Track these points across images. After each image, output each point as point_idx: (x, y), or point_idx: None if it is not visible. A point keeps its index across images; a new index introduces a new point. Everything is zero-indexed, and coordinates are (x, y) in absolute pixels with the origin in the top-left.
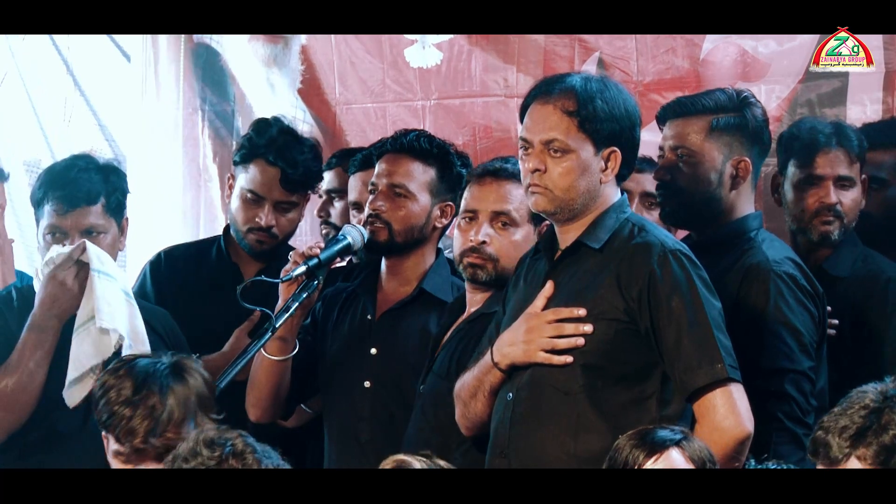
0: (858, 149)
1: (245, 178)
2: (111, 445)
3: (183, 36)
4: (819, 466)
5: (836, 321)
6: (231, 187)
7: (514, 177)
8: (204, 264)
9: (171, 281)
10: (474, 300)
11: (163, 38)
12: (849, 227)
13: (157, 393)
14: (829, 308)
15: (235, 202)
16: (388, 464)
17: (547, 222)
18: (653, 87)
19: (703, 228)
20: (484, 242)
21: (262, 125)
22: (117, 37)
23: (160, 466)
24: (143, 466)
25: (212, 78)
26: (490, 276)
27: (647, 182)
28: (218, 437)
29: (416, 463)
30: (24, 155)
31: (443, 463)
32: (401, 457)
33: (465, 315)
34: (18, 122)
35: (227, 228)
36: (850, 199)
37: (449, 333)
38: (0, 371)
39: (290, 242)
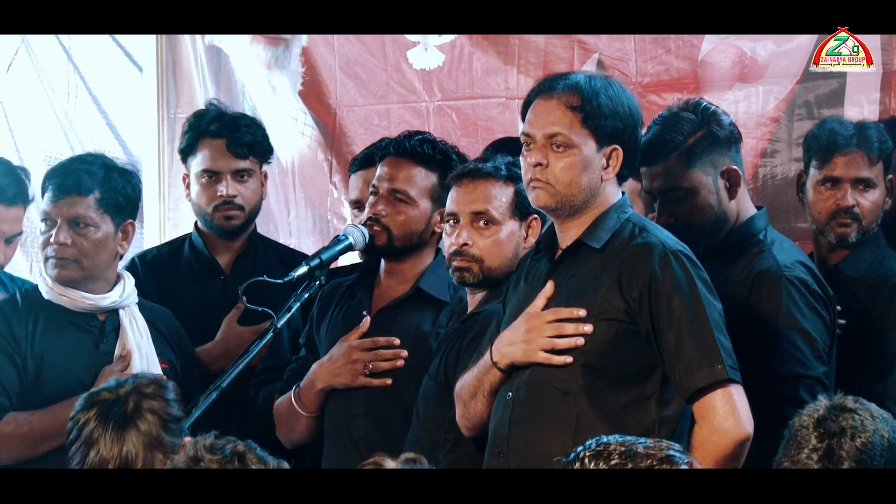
0: (879, 150)
1: (196, 162)
2: None
3: (198, 37)
4: None
5: (843, 321)
6: (188, 185)
7: (491, 175)
8: (180, 261)
9: (148, 283)
10: (473, 301)
11: (181, 41)
12: (868, 228)
13: (107, 442)
14: (839, 308)
15: (195, 189)
16: (367, 465)
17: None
18: (651, 88)
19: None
20: (466, 244)
21: (199, 112)
22: (128, 45)
23: None
24: None
25: (224, 81)
26: (477, 277)
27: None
28: (216, 442)
29: (391, 464)
30: (44, 148)
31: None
32: (376, 458)
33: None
34: (34, 112)
35: (195, 226)
36: (869, 201)
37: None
38: (24, 416)
39: (297, 242)
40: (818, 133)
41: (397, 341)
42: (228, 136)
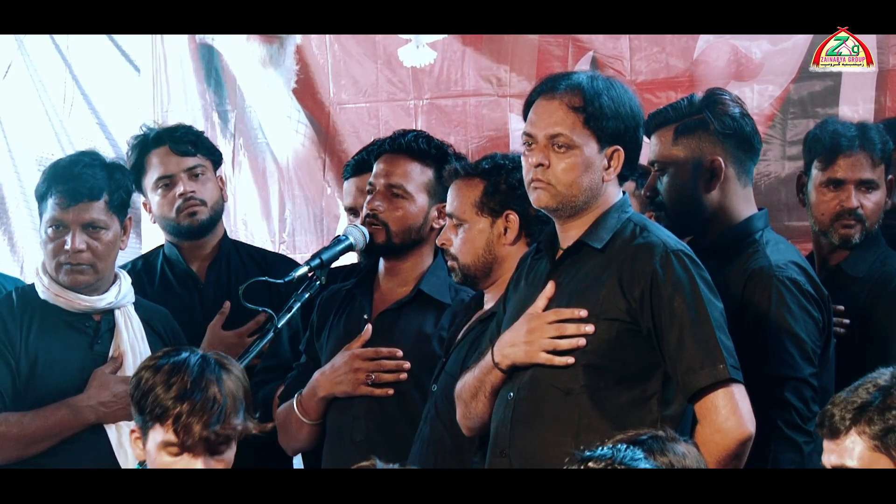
0: (882, 151)
1: (149, 177)
2: (160, 437)
3: (187, 36)
4: (824, 441)
5: (846, 321)
6: (150, 209)
7: (474, 174)
8: (155, 275)
9: None
10: (489, 299)
11: (169, 39)
12: (871, 229)
13: (215, 384)
14: (841, 308)
15: (155, 201)
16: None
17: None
18: (646, 87)
19: (703, 234)
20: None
21: (136, 135)
22: (125, 45)
23: (202, 463)
24: (192, 460)
25: (214, 79)
26: (458, 277)
27: None
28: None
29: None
30: (36, 150)
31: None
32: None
33: (479, 314)
34: (29, 116)
35: (166, 241)
36: (872, 201)
37: (462, 332)
38: (15, 417)
39: (292, 240)
40: (820, 134)
41: (400, 352)
42: (170, 139)
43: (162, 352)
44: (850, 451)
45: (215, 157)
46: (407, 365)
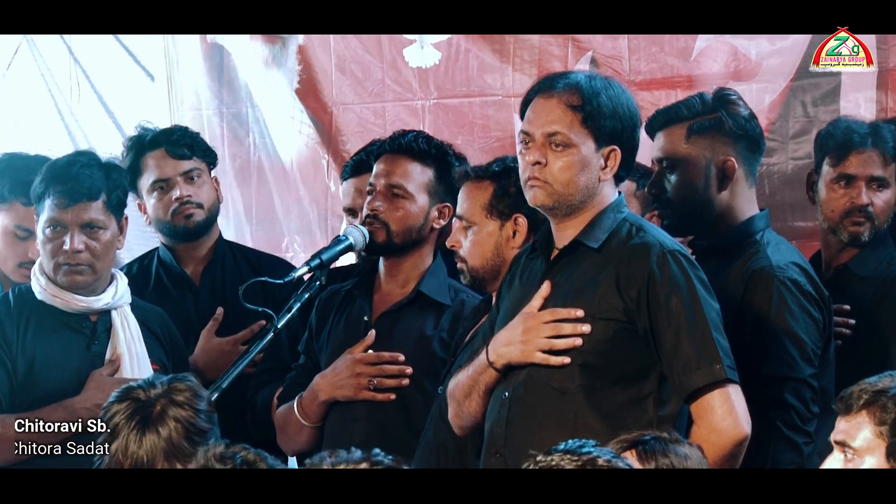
0: (894, 150)
1: (144, 179)
2: None
3: (199, 36)
4: (837, 418)
5: (852, 321)
6: (146, 210)
7: (484, 177)
8: (150, 278)
9: None
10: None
11: (181, 40)
12: (880, 228)
13: (134, 442)
14: (847, 307)
15: (150, 204)
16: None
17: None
18: (645, 86)
19: (707, 234)
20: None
21: (132, 136)
22: (136, 47)
23: None
24: None
25: (227, 79)
26: (466, 278)
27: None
28: (227, 451)
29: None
30: (49, 146)
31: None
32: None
33: (487, 317)
34: (38, 115)
35: (161, 243)
36: (882, 199)
37: (469, 335)
38: (12, 419)
39: (296, 239)
40: (833, 131)
41: (402, 357)
42: (166, 142)
43: (132, 388)
44: (856, 429)
45: (210, 159)
46: (409, 370)
